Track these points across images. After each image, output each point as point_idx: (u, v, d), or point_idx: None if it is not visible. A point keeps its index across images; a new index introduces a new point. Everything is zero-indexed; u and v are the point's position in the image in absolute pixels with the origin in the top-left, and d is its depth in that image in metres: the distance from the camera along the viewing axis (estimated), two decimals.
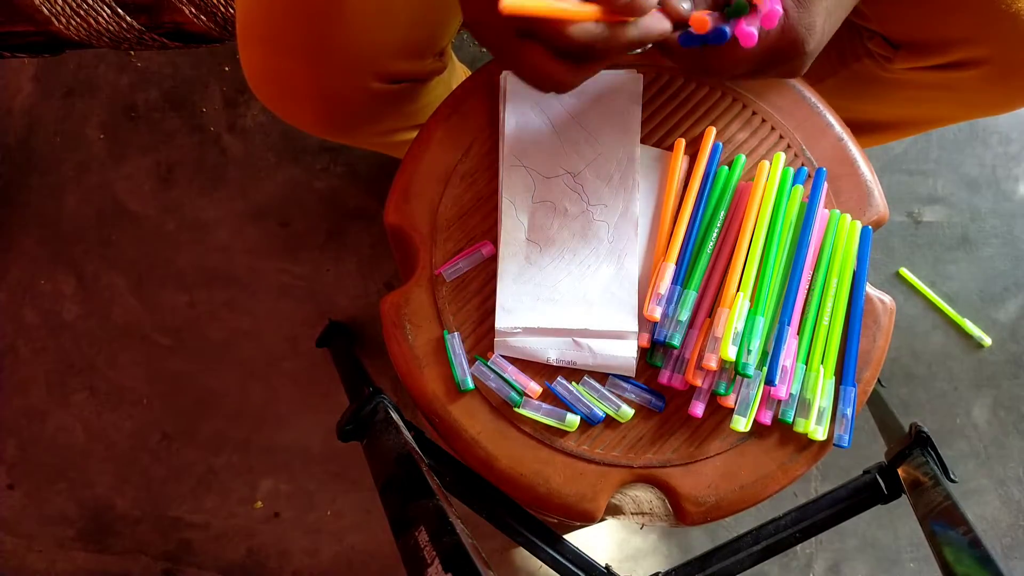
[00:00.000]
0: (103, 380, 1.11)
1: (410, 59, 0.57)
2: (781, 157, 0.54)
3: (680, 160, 0.55)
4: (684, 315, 0.52)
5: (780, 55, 0.43)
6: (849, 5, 0.45)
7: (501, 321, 0.54)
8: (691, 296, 0.52)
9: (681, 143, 0.55)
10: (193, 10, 0.65)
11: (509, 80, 0.56)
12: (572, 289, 0.54)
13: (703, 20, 0.41)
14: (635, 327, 0.53)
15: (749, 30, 0.41)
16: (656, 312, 0.52)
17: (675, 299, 0.52)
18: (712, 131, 0.55)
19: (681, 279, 0.53)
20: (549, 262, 0.54)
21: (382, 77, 0.56)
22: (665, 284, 0.52)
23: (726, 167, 0.55)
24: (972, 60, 0.54)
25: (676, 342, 0.51)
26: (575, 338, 0.53)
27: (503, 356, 0.54)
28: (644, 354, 0.54)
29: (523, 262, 0.54)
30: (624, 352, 0.53)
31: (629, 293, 0.54)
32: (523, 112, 0.56)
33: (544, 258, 0.55)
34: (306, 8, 0.50)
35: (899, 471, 0.61)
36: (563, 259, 0.55)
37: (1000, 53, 0.53)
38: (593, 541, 1.05)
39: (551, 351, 0.53)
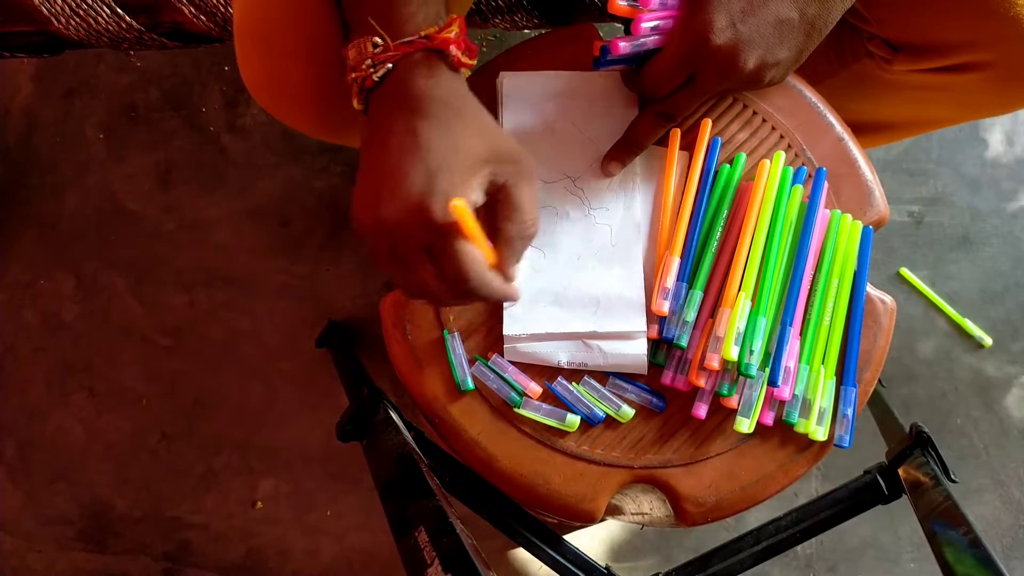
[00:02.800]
0: (102, 380, 1.11)
1: None
2: (781, 156, 0.54)
3: (676, 150, 0.55)
4: (691, 315, 0.52)
5: (700, 59, 0.47)
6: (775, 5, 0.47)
7: (509, 328, 0.53)
8: (697, 296, 0.52)
9: (677, 133, 0.55)
10: (193, 10, 0.65)
11: (506, 85, 0.56)
12: (578, 292, 0.54)
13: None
14: (643, 326, 0.53)
15: (619, 42, 0.49)
16: (664, 307, 0.52)
17: (682, 297, 0.52)
18: (708, 123, 0.55)
19: (686, 276, 0.53)
20: (554, 267, 0.54)
21: None
22: (671, 278, 0.52)
23: (727, 165, 0.55)
24: (973, 63, 0.54)
25: (683, 343, 0.51)
26: (585, 340, 0.53)
27: (512, 362, 0.54)
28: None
29: (527, 268, 0.54)
30: (635, 351, 0.53)
31: (636, 293, 0.54)
32: (521, 118, 0.56)
33: (549, 263, 0.54)
34: (302, 10, 0.50)
35: (900, 471, 0.61)
36: (568, 263, 0.54)
37: (1001, 56, 0.52)
38: (593, 541, 1.05)
39: (562, 354, 0.53)
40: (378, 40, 0.43)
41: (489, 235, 0.44)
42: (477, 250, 0.43)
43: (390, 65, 0.43)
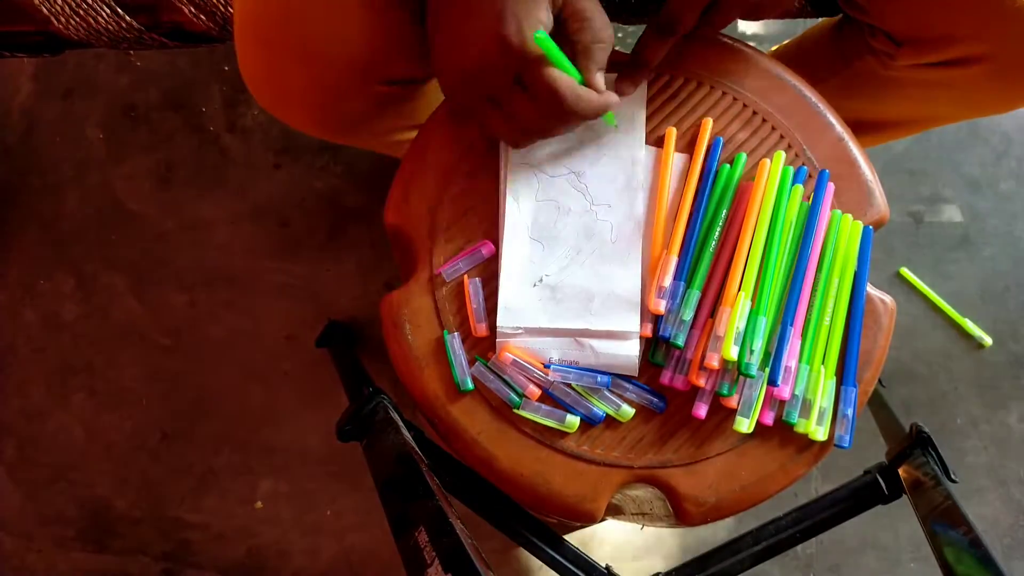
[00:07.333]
0: (102, 380, 1.11)
1: (408, 60, 0.57)
2: (781, 156, 0.54)
3: (672, 148, 0.55)
4: (688, 314, 0.51)
5: None
6: None
7: (503, 320, 0.53)
8: (695, 295, 0.52)
9: (672, 132, 0.55)
10: (193, 10, 0.65)
11: None
12: (575, 288, 0.54)
13: None
14: (637, 327, 0.53)
15: None
16: (660, 305, 0.51)
17: (679, 296, 0.52)
18: (708, 122, 0.55)
19: (684, 275, 0.53)
20: (552, 261, 0.54)
21: (380, 78, 0.56)
22: (668, 276, 0.52)
23: (727, 164, 0.55)
24: (974, 57, 0.53)
25: (680, 342, 0.51)
26: (576, 338, 0.53)
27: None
28: (646, 351, 0.54)
29: (526, 260, 0.54)
30: (626, 351, 0.53)
31: (632, 293, 0.54)
32: None
33: (547, 257, 0.54)
34: (303, 10, 0.50)
35: (900, 471, 0.61)
36: (566, 258, 0.54)
37: (1002, 50, 0.52)
38: (593, 541, 1.05)
39: (553, 351, 0.53)
40: None
41: (567, 53, 0.46)
42: (564, 74, 0.45)
43: None
